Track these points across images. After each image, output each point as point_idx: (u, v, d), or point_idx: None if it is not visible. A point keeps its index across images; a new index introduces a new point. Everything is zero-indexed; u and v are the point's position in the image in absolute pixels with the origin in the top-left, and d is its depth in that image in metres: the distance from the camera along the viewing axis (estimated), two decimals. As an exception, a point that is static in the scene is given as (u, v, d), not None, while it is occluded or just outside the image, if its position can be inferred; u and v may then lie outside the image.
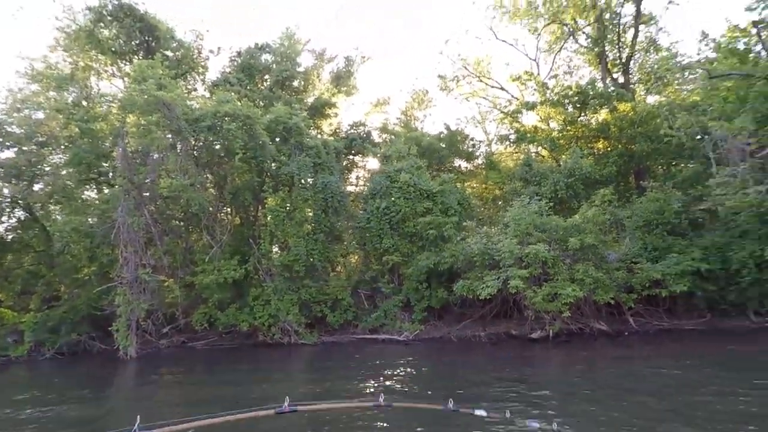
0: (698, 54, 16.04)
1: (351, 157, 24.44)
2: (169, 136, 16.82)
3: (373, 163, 24.01)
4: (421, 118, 29.79)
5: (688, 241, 15.46)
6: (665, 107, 18.55)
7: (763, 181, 12.69)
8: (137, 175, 16.39)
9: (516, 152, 25.26)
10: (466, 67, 28.90)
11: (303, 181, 18.05)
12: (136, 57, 20.46)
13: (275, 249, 18.54)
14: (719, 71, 14.24)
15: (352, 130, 24.40)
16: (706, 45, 15.51)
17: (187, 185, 16.09)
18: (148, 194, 17.03)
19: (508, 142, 25.76)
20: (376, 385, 10.72)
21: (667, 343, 13.94)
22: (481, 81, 29.05)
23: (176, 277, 17.52)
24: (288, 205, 17.75)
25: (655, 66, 23.72)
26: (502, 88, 28.60)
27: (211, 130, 16.52)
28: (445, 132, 25.33)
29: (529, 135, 23.52)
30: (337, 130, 25.09)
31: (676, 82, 21.98)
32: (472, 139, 25.75)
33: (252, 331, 17.41)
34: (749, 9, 13.65)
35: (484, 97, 29.40)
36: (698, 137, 15.71)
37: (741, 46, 14.53)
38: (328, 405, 5.11)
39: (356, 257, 21.32)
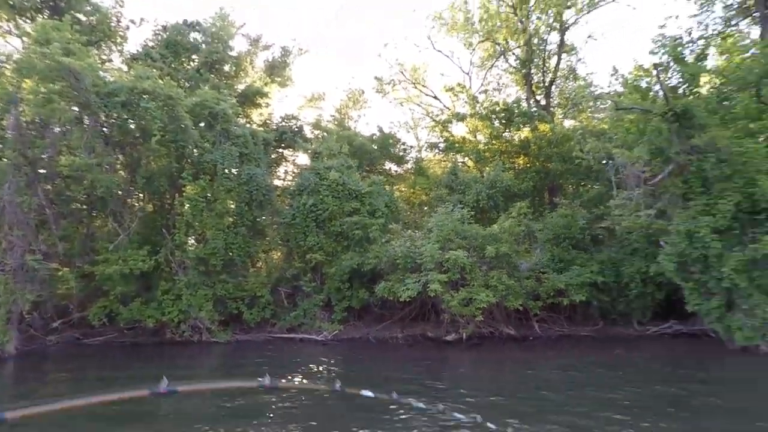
0: (609, 86, 17.68)
1: (280, 150, 23.73)
2: (75, 108, 15.17)
3: (303, 158, 23.56)
4: (355, 118, 29.71)
5: (589, 255, 16.96)
6: (578, 131, 20.22)
7: (653, 205, 14.29)
8: (32, 148, 14.53)
9: (444, 160, 26.16)
10: (402, 72, 29.42)
11: (227, 170, 17.13)
12: (39, 15, 18.18)
13: (191, 241, 17.38)
14: (624, 104, 15.79)
15: (283, 123, 23.69)
16: (616, 79, 17.14)
17: (92, 164, 14.59)
18: (44, 171, 15.18)
19: (437, 150, 26.64)
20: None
21: (566, 348, 15.19)
22: (416, 87, 29.72)
23: (73, 265, 15.77)
24: (208, 194, 16.74)
25: (573, 93, 25.90)
26: (435, 97, 29.50)
27: (126, 107, 15.14)
28: (378, 134, 25.50)
29: (457, 145, 24.48)
30: (268, 122, 24.24)
31: (589, 109, 24.14)
32: (403, 144, 26.19)
33: (159, 328, 16.19)
34: (652, 53, 15.39)
35: (417, 104, 30.10)
36: (604, 162, 17.30)
37: (644, 84, 16.25)
38: (210, 386, 4.81)
39: (278, 254, 20.73)
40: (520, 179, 21.00)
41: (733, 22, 19.07)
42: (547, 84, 26.48)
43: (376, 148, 24.37)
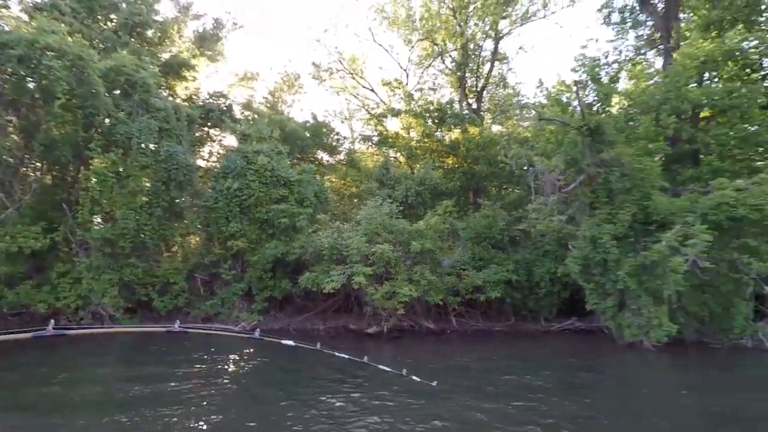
0: (534, 97, 18.89)
1: (206, 129, 22.39)
2: (-43, 57, 13.09)
3: (230, 139, 22.37)
4: (289, 102, 28.85)
5: (506, 255, 17.95)
6: (504, 137, 21.30)
7: (564, 212, 15.47)
8: None
9: (376, 154, 26.31)
10: (341, 61, 29.06)
11: (143, 145, 15.81)
12: None
13: (97, 219, 15.86)
14: (546, 115, 16.91)
15: (211, 100, 22.33)
16: (541, 92, 18.37)
17: (-24, 125, 12.71)
18: None
19: (370, 143, 26.73)
20: (187, 371, 10.05)
21: (482, 342, 15.98)
22: (353, 78, 29.51)
23: (-55, 239, 13.68)
24: (120, 170, 15.36)
25: (502, 100, 27.23)
26: (372, 90, 29.51)
27: (24, 63, 13.36)
28: (312, 122, 25.00)
29: (390, 140, 24.72)
30: (194, 97, 22.72)
31: (515, 117, 25.52)
32: (337, 134, 25.92)
33: (52, 314, 14.46)
34: (573, 70, 16.63)
35: (354, 95, 29.94)
36: (525, 168, 18.37)
37: (564, 99, 17.52)
38: (108, 329, 4.49)
39: (197, 239, 19.55)
40: (448, 178, 21.69)
41: (642, 51, 21.19)
42: (479, 89, 27.56)
43: (308, 135, 23.86)
